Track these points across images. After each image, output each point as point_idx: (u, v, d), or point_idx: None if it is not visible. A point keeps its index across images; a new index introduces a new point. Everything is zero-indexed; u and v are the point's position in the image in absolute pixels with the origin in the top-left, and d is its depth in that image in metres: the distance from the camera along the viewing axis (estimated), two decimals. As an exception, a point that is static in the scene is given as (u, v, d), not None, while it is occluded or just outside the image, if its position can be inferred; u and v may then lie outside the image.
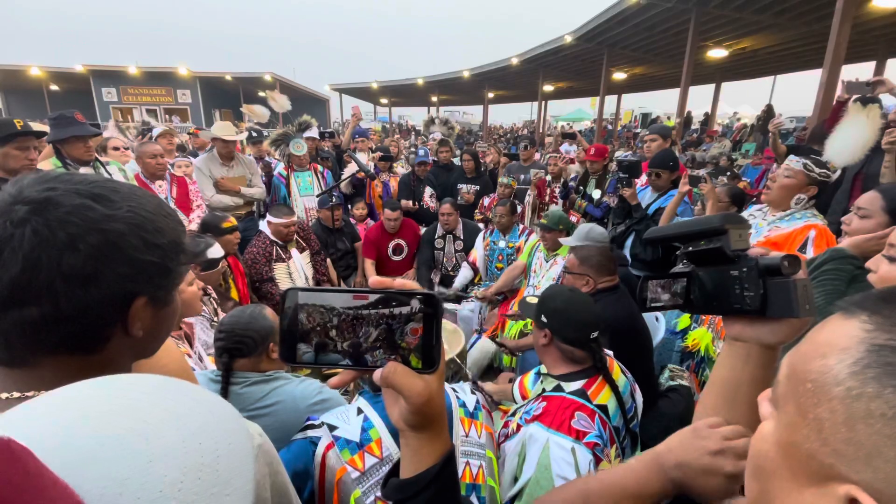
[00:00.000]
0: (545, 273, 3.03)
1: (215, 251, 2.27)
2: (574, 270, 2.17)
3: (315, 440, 1.11)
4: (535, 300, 1.62)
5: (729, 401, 0.64)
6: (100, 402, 0.34)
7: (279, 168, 4.34)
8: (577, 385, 1.39)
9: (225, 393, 1.29)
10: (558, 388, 1.40)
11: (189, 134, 6.05)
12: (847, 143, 2.38)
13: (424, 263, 3.94)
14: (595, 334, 1.43)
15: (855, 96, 3.17)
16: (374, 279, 0.47)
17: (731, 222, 0.59)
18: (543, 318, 1.49)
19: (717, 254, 0.60)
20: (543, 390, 1.44)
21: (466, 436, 1.22)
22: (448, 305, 3.49)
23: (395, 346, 0.45)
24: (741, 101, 23.85)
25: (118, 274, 0.51)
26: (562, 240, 2.92)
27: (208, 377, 1.34)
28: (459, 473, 1.15)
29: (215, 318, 2.26)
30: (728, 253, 0.59)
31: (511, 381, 2.09)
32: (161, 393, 0.36)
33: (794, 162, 2.16)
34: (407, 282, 0.47)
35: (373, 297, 0.45)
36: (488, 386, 2.13)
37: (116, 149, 3.73)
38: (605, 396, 1.38)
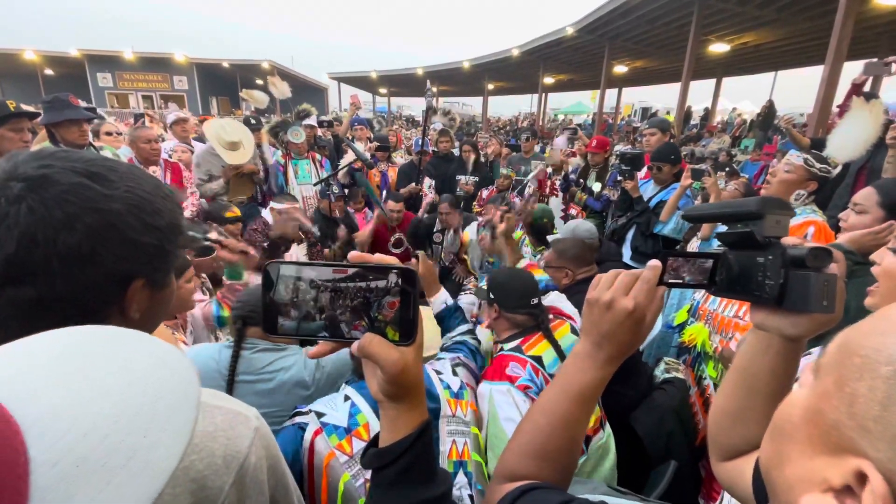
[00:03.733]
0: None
1: (212, 237, 2.26)
2: (553, 265, 2.20)
3: (303, 426, 1.13)
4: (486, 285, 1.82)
5: (746, 390, 0.63)
6: (53, 346, 0.36)
7: (276, 154, 4.29)
8: (514, 343, 1.58)
9: (236, 356, 1.39)
10: (500, 350, 1.60)
11: (199, 122, 5.95)
12: (849, 138, 2.37)
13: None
14: (535, 300, 1.63)
15: (863, 89, 3.16)
16: (353, 254, 0.48)
17: (769, 207, 0.58)
18: (491, 295, 1.67)
19: (748, 238, 0.58)
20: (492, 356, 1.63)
21: (453, 415, 1.27)
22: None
23: (373, 318, 0.47)
24: (741, 96, 23.74)
25: (116, 255, 0.50)
26: (549, 237, 2.90)
27: (223, 344, 1.44)
28: (447, 451, 1.19)
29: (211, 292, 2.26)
30: (758, 238, 0.57)
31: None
32: (115, 342, 0.38)
33: (794, 157, 2.15)
34: (385, 257, 0.48)
35: (352, 271, 0.46)
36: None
37: (109, 134, 3.69)
38: (540, 349, 1.55)
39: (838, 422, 0.33)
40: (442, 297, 1.87)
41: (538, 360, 1.52)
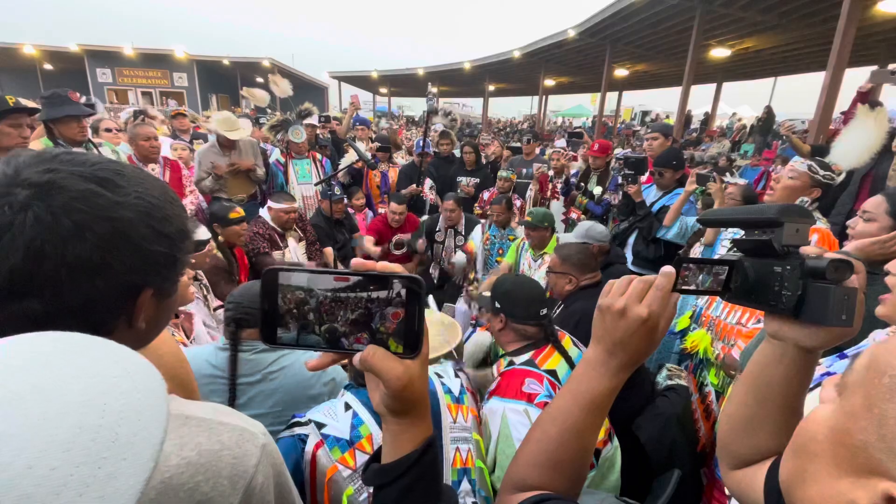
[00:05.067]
0: (535, 273, 2.98)
1: (202, 233, 2.26)
2: (556, 270, 2.19)
3: (303, 437, 1.10)
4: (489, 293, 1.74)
5: (759, 399, 0.62)
6: (13, 357, 0.33)
7: (275, 154, 4.27)
8: (525, 356, 1.52)
9: (234, 359, 1.37)
10: (510, 364, 1.53)
11: (171, 117, 5.67)
12: (854, 145, 2.38)
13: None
14: (544, 311, 1.57)
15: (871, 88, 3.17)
16: (356, 261, 0.46)
17: (789, 215, 0.56)
18: (497, 304, 1.61)
19: (766, 246, 0.57)
20: (500, 369, 1.57)
21: (454, 422, 1.24)
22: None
23: (375, 329, 0.45)
24: (741, 101, 23.84)
25: (126, 265, 0.48)
26: (562, 235, 2.89)
27: (217, 346, 1.41)
28: (450, 459, 1.16)
29: (207, 299, 2.25)
30: (776, 247, 0.55)
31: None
32: (79, 351, 0.35)
33: (798, 163, 2.15)
34: (389, 265, 0.46)
35: (354, 280, 0.44)
36: (470, 371, 2.14)
37: (109, 130, 3.66)
38: (553, 362, 1.50)
39: (867, 443, 0.32)
40: None
41: (553, 374, 1.47)
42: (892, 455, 0.31)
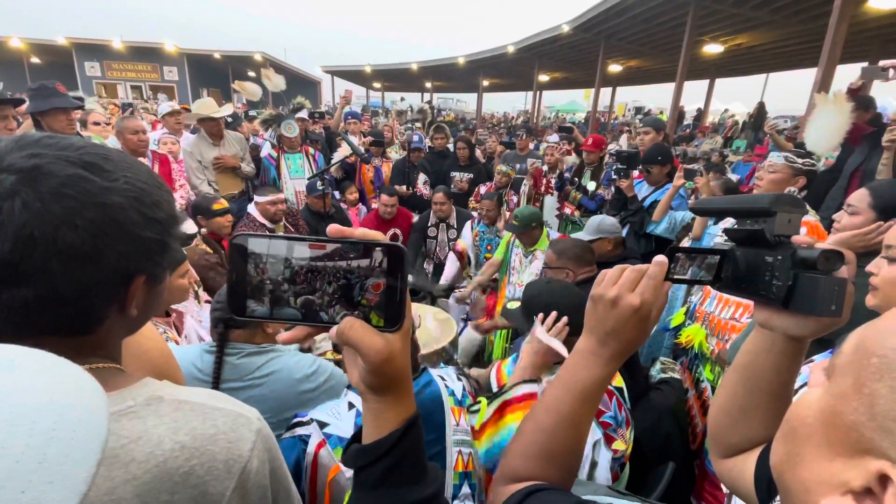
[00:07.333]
0: (526, 269, 2.97)
1: (189, 226, 2.23)
2: (553, 265, 2.17)
3: (305, 438, 1.08)
4: (516, 304, 1.60)
5: (748, 388, 0.63)
6: None
7: (266, 146, 4.22)
8: None
9: (220, 363, 1.29)
10: None
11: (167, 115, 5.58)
12: (822, 132, 2.45)
13: (414, 250, 3.89)
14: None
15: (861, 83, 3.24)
16: (333, 227, 0.43)
17: (781, 204, 0.56)
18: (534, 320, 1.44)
19: (757, 235, 0.57)
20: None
21: (457, 425, 1.21)
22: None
23: (354, 301, 0.42)
24: (733, 97, 24.00)
25: (118, 252, 0.47)
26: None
27: (203, 349, 1.34)
28: (453, 463, 1.15)
29: (199, 296, 2.22)
30: (768, 237, 0.56)
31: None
32: (12, 366, 0.33)
33: (774, 156, 2.17)
34: (369, 231, 0.43)
35: (331, 248, 0.41)
36: (473, 371, 2.12)
37: (97, 123, 3.61)
38: (619, 380, 1.39)
39: (858, 423, 0.33)
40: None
41: (620, 391, 1.34)
42: (883, 434, 0.31)
